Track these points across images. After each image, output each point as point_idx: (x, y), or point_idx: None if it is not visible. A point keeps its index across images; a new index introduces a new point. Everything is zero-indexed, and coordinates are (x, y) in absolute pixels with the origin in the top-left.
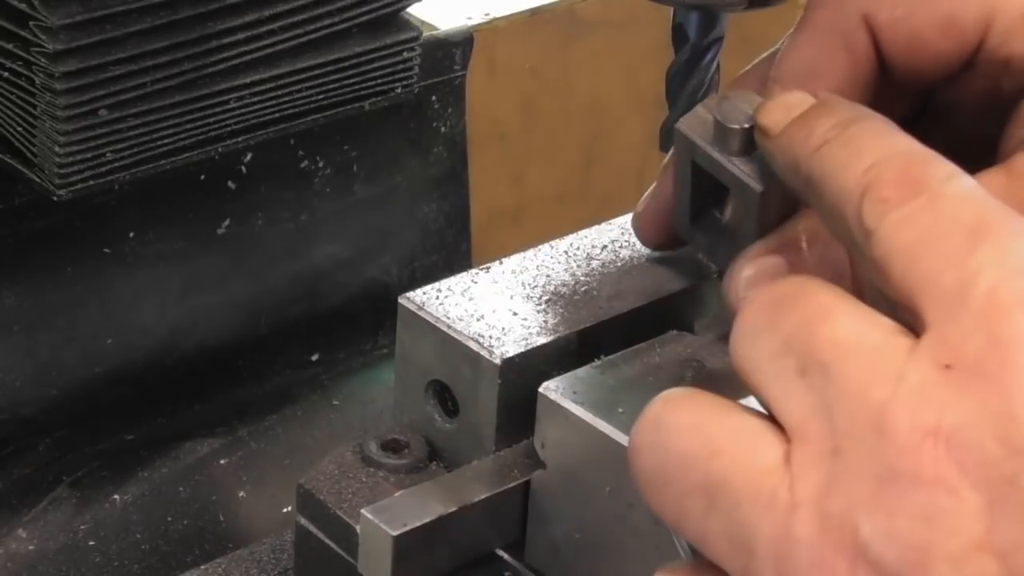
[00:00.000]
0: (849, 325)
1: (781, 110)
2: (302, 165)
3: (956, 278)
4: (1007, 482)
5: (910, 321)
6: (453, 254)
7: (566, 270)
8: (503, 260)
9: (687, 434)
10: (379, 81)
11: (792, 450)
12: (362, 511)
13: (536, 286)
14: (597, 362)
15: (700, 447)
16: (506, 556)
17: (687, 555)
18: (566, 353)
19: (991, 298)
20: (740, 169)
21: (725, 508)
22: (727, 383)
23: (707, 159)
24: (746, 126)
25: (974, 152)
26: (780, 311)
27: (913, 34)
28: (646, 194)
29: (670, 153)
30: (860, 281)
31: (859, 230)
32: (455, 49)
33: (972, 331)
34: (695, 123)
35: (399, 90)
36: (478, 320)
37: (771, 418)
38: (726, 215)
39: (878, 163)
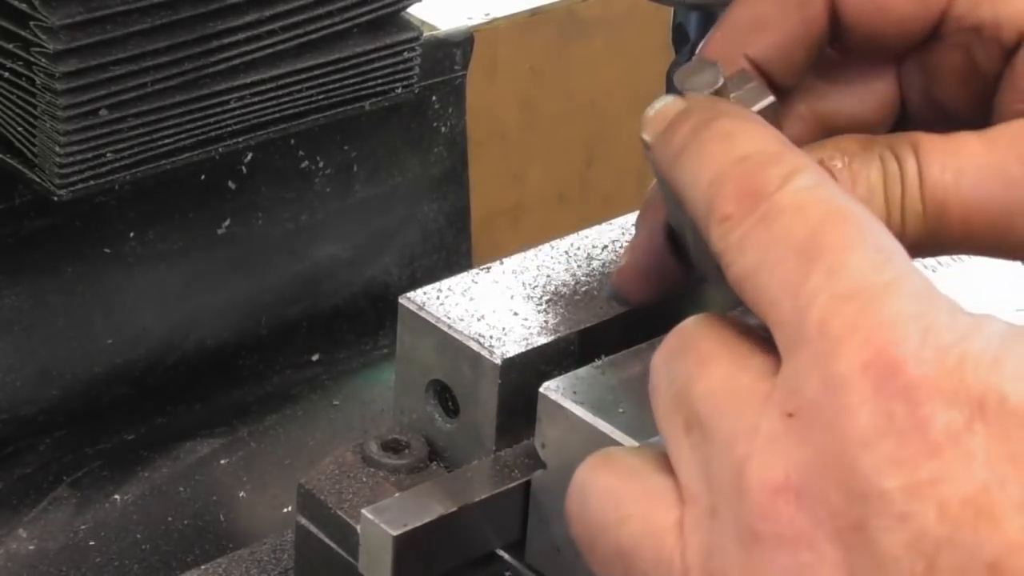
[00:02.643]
0: (722, 375)
1: (657, 119)
2: (302, 165)
3: (792, 307)
4: (856, 530)
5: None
6: (453, 254)
7: (566, 270)
8: (503, 260)
9: (602, 500)
10: (379, 81)
11: (683, 512)
12: (362, 511)
13: (536, 286)
14: (597, 362)
15: (612, 513)
16: (506, 556)
17: None
18: (566, 353)
19: (822, 331)
20: None
21: (638, 575)
22: None
23: None
24: (717, 85)
25: (955, 126)
26: (671, 364)
27: None
28: (625, 249)
29: (643, 204)
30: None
31: (713, 253)
32: (455, 49)
33: (808, 371)
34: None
35: (399, 90)
36: (478, 320)
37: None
38: None
39: (719, 173)
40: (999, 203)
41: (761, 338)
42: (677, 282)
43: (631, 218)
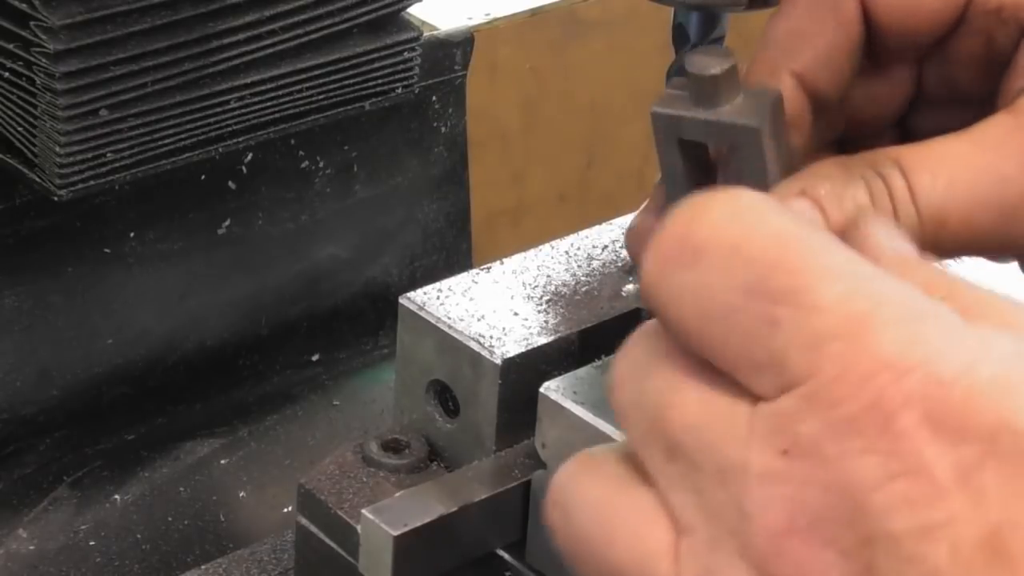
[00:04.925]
0: (695, 404)
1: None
2: (302, 165)
3: (766, 357)
4: (866, 572)
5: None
6: (454, 254)
7: (567, 270)
8: (504, 260)
9: (586, 517)
10: (379, 81)
11: (678, 540)
12: (363, 511)
13: (537, 286)
14: (597, 362)
15: (598, 533)
16: (506, 556)
17: None
18: (567, 353)
19: (810, 376)
20: (731, 117)
21: None
22: None
23: (695, 125)
24: (724, 69)
25: (973, 117)
26: (639, 387)
27: None
28: (639, 211)
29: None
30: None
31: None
32: (455, 49)
33: (801, 412)
34: (669, 101)
35: (399, 90)
36: (479, 320)
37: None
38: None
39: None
40: (998, 202)
41: None
42: None
43: (631, 218)
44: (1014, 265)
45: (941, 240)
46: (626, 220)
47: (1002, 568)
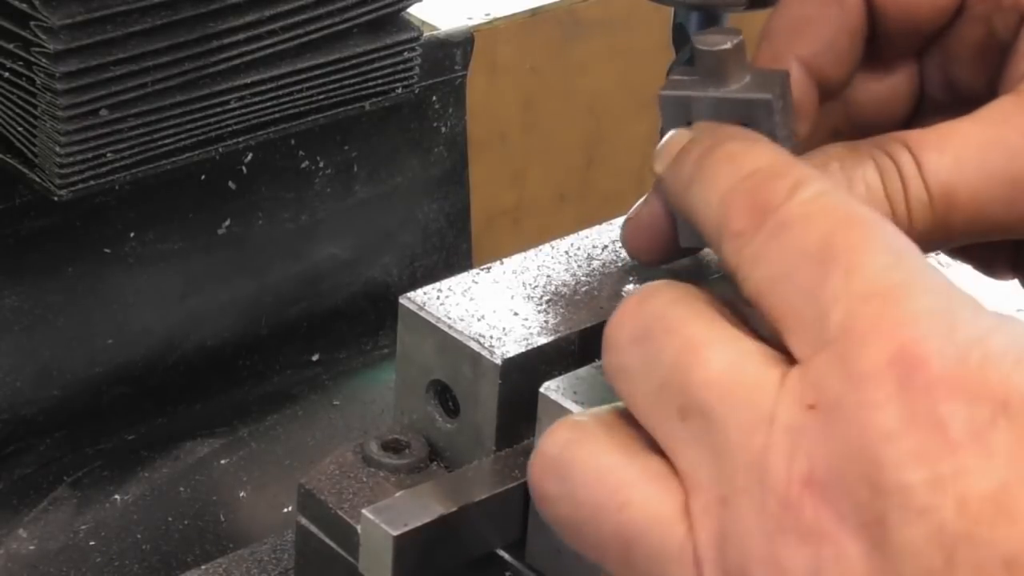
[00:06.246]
0: (722, 361)
1: (666, 152)
2: (302, 165)
3: (813, 312)
4: (878, 524)
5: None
6: (454, 254)
7: (567, 270)
8: (504, 260)
9: (594, 483)
10: (379, 81)
11: (688, 499)
12: (363, 511)
13: (537, 286)
14: (597, 362)
15: (609, 498)
16: (507, 556)
17: None
18: (567, 353)
19: (845, 331)
20: (743, 92)
21: (642, 561)
22: None
23: (705, 104)
24: (733, 43)
25: (972, 106)
26: (651, 347)
27: None
28: (639, 202)
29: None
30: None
31: (727, 271)
32: (455, 49)
33: (831, 368)
34: (676, 85)
35: (399, 90)
36: (479, 320)
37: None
38: None
39: (728, 192)
40: (1005, 176)
41: (742, 317)
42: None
43: (621, 226)
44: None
45: (951, 220)
46: None
47: (1007, 523)
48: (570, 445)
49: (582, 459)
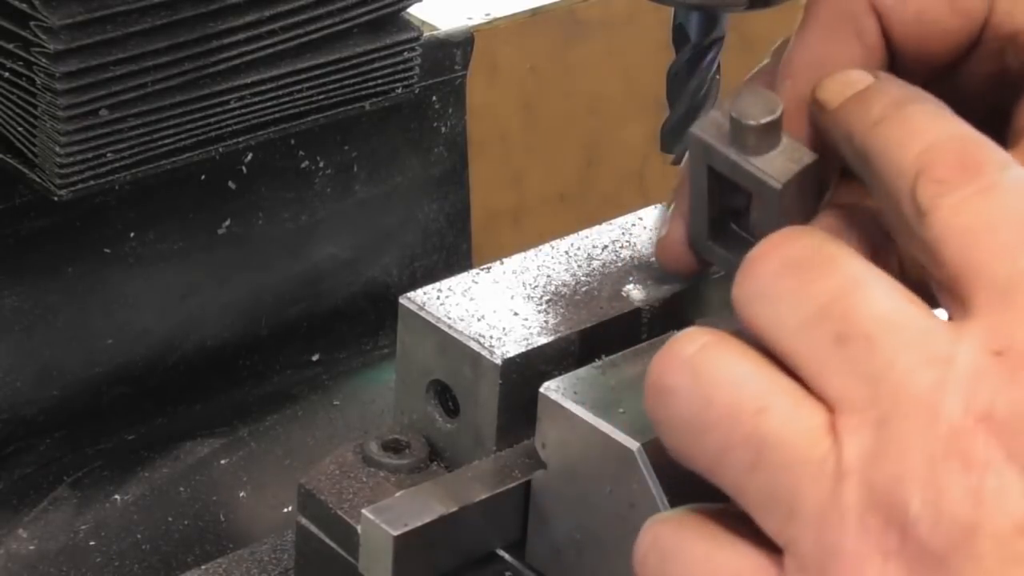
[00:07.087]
0: (888, 301)
1: (839, 86)
2: (302, 165)
3: (1009, 271)
4: (1022, 473)
5: (948, 304)
6: (453, 254)
7: (567, 270)
8: (504, 260)
9: (732, 386)
10: (379, 81)
11: (837, 418)
12: (363, 511)
13: (537, 286)
14: (597, 362)
15: (748, 401)
16: (507, 556)
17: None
18: (567, 353)
19: None
20: (758, 168)
21: (772, 467)
22: None
23: (724, 161)
24: (763, 121)
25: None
26: (806, 276)
27: (921, 12)
28: (664, 217)
29: (682, 165)
30: (903, 265)
31: (911, 209)
32: (455, 49)
33: (1020, 322)
34: (709, 127)
35: (399, 90)
36: (479, 320)
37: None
38: (747, 224)
39: (935, 144)
40: None
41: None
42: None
43: (631, 218)
44: None
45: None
46: (626, 220)
47: None
48: (709, 347)
49: (721, 361)
